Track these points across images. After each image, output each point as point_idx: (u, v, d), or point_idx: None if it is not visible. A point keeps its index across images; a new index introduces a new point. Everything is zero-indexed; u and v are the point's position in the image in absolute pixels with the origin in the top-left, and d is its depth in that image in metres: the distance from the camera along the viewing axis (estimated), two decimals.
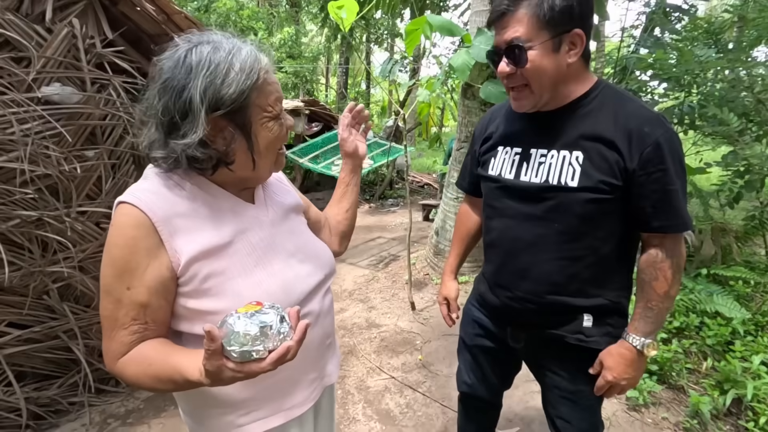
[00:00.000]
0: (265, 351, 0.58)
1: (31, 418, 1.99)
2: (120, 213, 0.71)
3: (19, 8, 1.88)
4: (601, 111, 0.97)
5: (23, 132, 1.79)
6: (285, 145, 0.87)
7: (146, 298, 0.70)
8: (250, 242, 0.80)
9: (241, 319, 0.58)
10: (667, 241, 0.99)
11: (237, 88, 0.70)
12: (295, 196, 1.01)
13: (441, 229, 4.02)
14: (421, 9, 8.48)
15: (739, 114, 2.99)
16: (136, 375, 0.70)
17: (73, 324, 2.06)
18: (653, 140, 0.91)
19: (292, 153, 6.66)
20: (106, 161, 2.12)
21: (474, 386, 1.37)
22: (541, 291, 1.07)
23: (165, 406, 2.22)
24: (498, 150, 1.14)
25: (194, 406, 0.84)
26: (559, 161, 1.00)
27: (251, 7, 12.02)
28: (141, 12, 2.18)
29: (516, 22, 0.92)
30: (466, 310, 1.37)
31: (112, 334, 0.71)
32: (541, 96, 0.98)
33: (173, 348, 0.73)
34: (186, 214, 0.74)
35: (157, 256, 0.71)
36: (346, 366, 2.63)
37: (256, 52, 0.76)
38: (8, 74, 1.80)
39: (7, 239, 1.82)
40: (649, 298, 1.01)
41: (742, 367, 2.14)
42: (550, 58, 0.93)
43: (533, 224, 1.05)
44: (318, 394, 0.93)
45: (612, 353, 1.04)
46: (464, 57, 2.91)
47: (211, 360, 0.57)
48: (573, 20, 0.91)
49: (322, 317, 0.91)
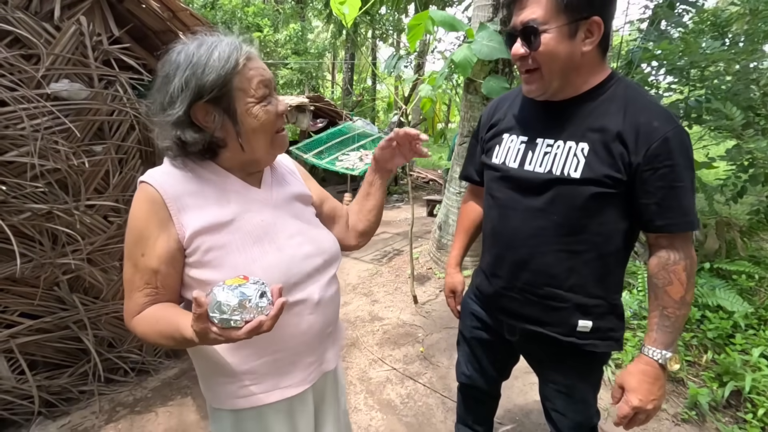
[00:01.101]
0: (242, 321, 0.65)
1: (43, 406, 2.05)
2: (139, 190, 0.83)
3: (28, 6, 1.92)
4: (612, 103, 0.95)
5: (33, 127, 1.84)
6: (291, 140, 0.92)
7: (156, 265, 0.80)
8: (252, 222, 0.87)
9: (224, 290, 0.65)
10: (677, 242, 0.95)
11: (216, 74, 0.78)
12: (304, 187, 1.05)
13: (444, 224, 4.04)
14: (425, 4, 8.46)
15: (745, 108, 2.96)
16: (144, 331, 0.80)
17: (83, 315, 2.12)
18: (661, 135, 0.88)
19: (296, 149, 6.70)
20: (114, 156, 2.17)
21: (473, 377, 1.39)
22: (539, 282, 1.06)
23: (172, 395, 2.28)
24: (503, 138, 1.12)
25: (203, 373, 0.93)
26: (564, 152, 0.98)
27: (257, 4, 12.05)
28: (146, 9, 2.21)
29: (534, 3, 0.90)
30: (464, 303, 1.39)
31: (130, 294, 0.83)
32: (551, 82, 0.96)
33: (177, 310, 0.82)
34: (194, 192, 0.84)
35: (166, 228, 0.81)
36: (349, 358, 2.67)
37: (238, 42, 0.82)
38: (18, 71, 1.85)
39: (19, 232, 1.88)
40: (664, 305, 0.95)
41: (741, 360, 2.15)
42: (565, 44, 0.90)
43: (533, 215, 1.04)
44: (314, 378, 0.97)
45: (632, 372, 0.97)
46: (466, 52, 2.92)
47: (198, 322, 0.65)
48: (593, 7, 0.88)
49: (324, 305, 0.94)
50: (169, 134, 0.82)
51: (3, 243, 1.84)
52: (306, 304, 0.90)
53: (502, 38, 3.03)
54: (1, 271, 1.86)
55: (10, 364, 1.98)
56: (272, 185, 0.96)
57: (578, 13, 0.88)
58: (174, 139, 0.81)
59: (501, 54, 2.95)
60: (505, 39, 1.00)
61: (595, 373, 1.17)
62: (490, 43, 2.97)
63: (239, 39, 0.84)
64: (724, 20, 3.72)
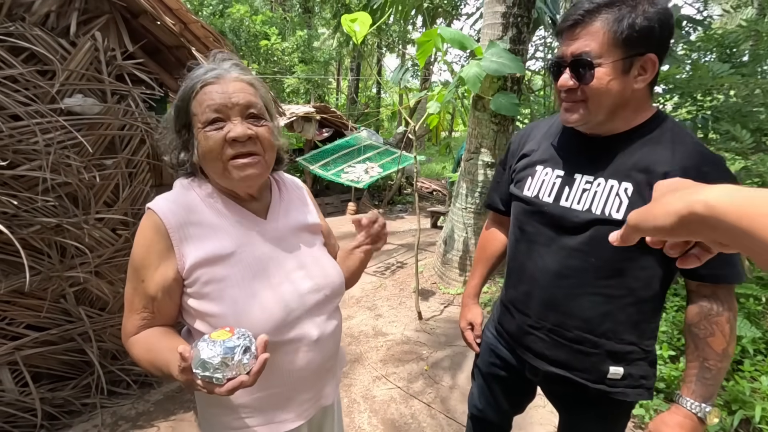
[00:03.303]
0: (224, 379, 0.66)
1: (46, 419, 2.04)
2: (145, 217, 0.84)
3: (45, 22, 1.94)
4: (659, 144, 0.90)
5: (46, 142, 1.85)
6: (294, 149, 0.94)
7: (154, 293, 0.82)
8: (253, 254, 0.86)
9: (208, 346, 0.66)
10: (720, 292, 0.90)
11: (182, 101, 0.84)
12: (315, 217, 1.04)
13: (449, 238, 4.04)
14: (433, 17, 8.53)
15: (753, 129, 2.96)
16: (138, 355, 0.82)
17: (88, 327, 2.12)
18: (710, 182, 0.85)
19: (303, 159, 6.74)
20: (124, 170, 2.18)
21: (484, 411, 1.35)
22: (570, 325, 1.00)
23: (174, 410, 2.26)
24: (537, 169, 1.06)
25: (200, 400, 0.95)
26: (606, 190, 0.93)
27: (265, 12, 12.18)
28: (160, 26, 2.24)
29: (588, 36, 0.86)
30: (483, 336, 1.33)
31: (128, 314, 0.85)
32: (596, 116, 0.92)
33: (171, 341, 0.81)
34: (197, 222, 0.84)
35: (167, 258, 0.82)
36: (352, 374, 2.66)
37: (212, 67, 0.85)
38: (33, 86, 1.87)
39: (28, 244, 1.89)
40: (705, 357, 0.89)
41: (750, 388, 2.12)
42: (618, 80, 0.87)
43: (568, 255, 0.98)
44: (310, 414, 0.96)
45: (669, 424, 0.90)
46: (475, 69, 2.94)
47: (182, 375, 0.67)
48: (650, 44, 0.85)
49: (323, 342, 0.92)
50: (172, 154, 0.88)
51: (12, 256, 1.85)
52: (304, 341, 0.89)
53: (513, 56, 3.06)
54: (10, 283, 1.86)
55: (14, 376, 1.98)
56: (279, 215, 0.94)
57: (635, 49, 0.85)
58: (172, 159, 0.88)
59: (510, 71, 2.97)
60: (549, 66, 0.96)
61: (621, 420, 1.11)
62: (500, 60, 3.00)
63: (226, 63, 0.87)
64: (732, 41, 3.74)
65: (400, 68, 3.60)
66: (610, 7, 0.84)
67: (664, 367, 2.33)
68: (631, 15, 0.83)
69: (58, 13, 1.98)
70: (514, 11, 3.35)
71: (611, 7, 0.84)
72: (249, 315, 0.81)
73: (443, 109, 5.33)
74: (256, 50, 11.25)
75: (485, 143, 3.66)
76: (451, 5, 9.30)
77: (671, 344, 2.55)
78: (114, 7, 2.14)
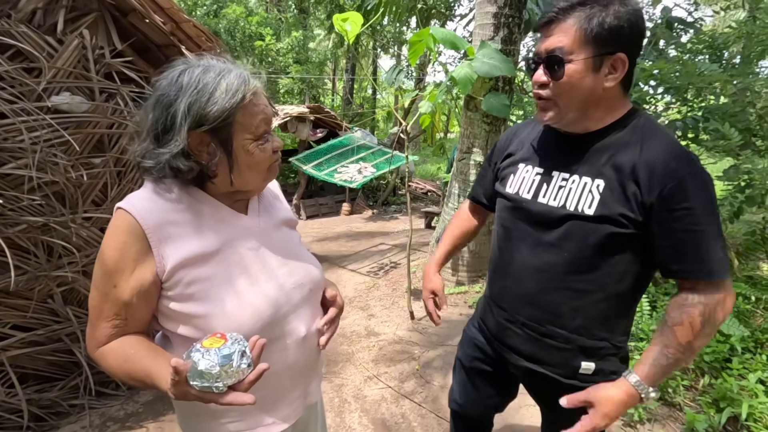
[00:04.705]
0: (224, 387, 0.65)
1: (32, 420, 2.02)
2: (116, 218, 0.77)
3: (31, 20, 1.93)
4: (630, 141, 0.92)
5: (32, 140, 1.83)
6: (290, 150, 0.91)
7: (128, 298, 0.76)
8: (238, 251, 0.84)
9: (204, 356, 0.64)
10: (699, 287, 0.89)
11: (221, 106, 0.75)
12: (289, 212, 1.03)
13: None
14: (426, 18, 8.55)
15: (742, 129, 2.99)
16: (111, 367, 0.77)
17: (76, 327, 2.10)
18: (679, 177, 0.85)
19: (296, 159, 6.72)
20: (112, 168, 2.17)
21: (464, 406, 1.36)
22: (542, 319, 1.03)
23: (164, 411, 2.24)
24: (519, 167, 1.10)
25: (181, 407, 0.90)
26: (580, 187, 0.95)
27: (260, 13, 12.16)
28: (150, 24, 2.23)
29: (561, 32, 0.89)
30: (466, 330, 1.35)
31: (96, 323, 0.79)
32: (567, 113, 0.94)
33: (149, 350, 0.78)
34: (177, 221, 0.79)
35: (144, 261, 0.76)
36: (343, 374, 2.65)
37: (246, 75, 0.80)
38: (20, 84, 1.86)
39: (14, 244, 1.87)
40: (667, 344, 0.89)
41: (738, 385, 2.14)
42: (588, 77, 0.89)
43: (543, 249, 1.01)
44: (299, 413, 0.95)
45: (612, 398, 0.90)
46: (467, 70, 2.94)
47: (176, 387, 0.65)
48: (620, 43, 0.87)
49: (310, 338, 0.92)
50: (159, 157, 0.76)
51: None
52: (293, 338, 0.88)
53: (504, 57, 3.07)
54: None
55: (0, 377, 1.95)
56: (260, 211, 0.93)
57: (605, 47, 0.87)
58: (164, 163, 0.76)
59: (501, 72, 2.98)
60: (527, 64, 0.99)
61: None
62: (491, 60, 3.01)
63: (247, 71, 0.81)
64: (722, 42, 3.78)
65: (393, 69, 3.60)
66: (583, 5, 0.87)
67: None
68: (602, 14, 0.85)
69: (45, 11, 1.97)
70: (506, 12, 3.37)
71: (584, 6, 0.87)
72: (237, 314, 0.79)
73: (438, 110, 5.35)
74: (251, 51, 11.24)
75: (477, 143, 3.67)
76: (445, 6, 9.34)
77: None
78: (102, 4, 2.13)
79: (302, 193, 7.78)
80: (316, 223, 7.28)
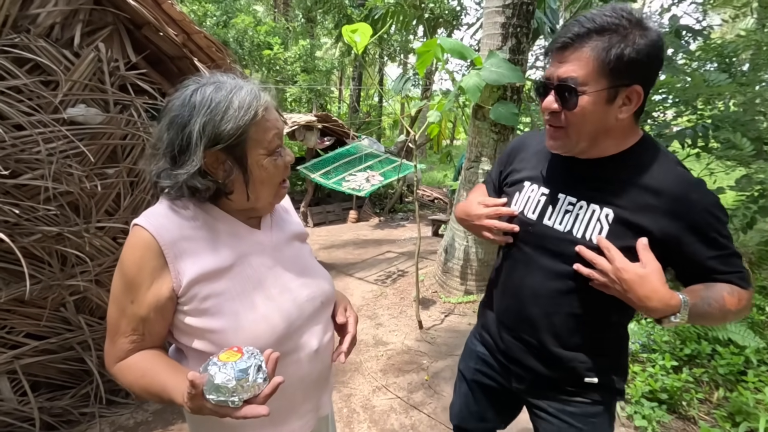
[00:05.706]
0: (240, 401, 0.65)
1: (44, 428, 2.03)
2: (133, 234, 0.79)
3: (50, 34, 1.98)
4: (643, 171, 0.90)
5: (48, 151, 1.87)
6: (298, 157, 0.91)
7: (146, 313, 0.78)
8: (251, 265, 0.85)
9: (220, 370, 0.64)
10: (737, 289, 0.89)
11: (235, 123, 0.76)
12: (300, 225, 1.05)
13: (450, 247, 4.03)
14: (433, 27, 8.61)
15: (754, 138, 2.97)
16: (129, 382, 0.78)
17: (88, 336, 2.11)
18: (702, 207, 0.86)
19: (304, 168, 6.76)
20: (125, 179, 2.20)
21: (466, 420, 1.33)
22: (546, 341, 1.03)
23: (173, 420, 2.25)
24: (524, 185, 1.07)
25: (193, 420, 0.90)
26: (587, 214, 0.93)
27: (268, 22, 12.32)
28: (163, 37, 2.27)
29: (576, 61, 0.84)
30: (468, 342, 1.33)
31: (114, 338, 0.80)
32: (578, 143, 0.91)
33: (165, 364, 0.79)
34: (191, 237, 0.80)
35: (160, 276, 0.77)
36: (352, 384, 2.64)
37: (257, 90, 0.81)
38: (37, 96, 1.89)
39: (29, 253, 1.89)
40: (716, 299, 0.86)
41: (754, 399, 2.10)
42: (601, 109, 0.85)
43: (547, 275, 0.99)
44: (311, 425, 0.95)
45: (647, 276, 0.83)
46: (475, 79, 2.95)
47: (192, 402, 0.65)
48: (636, 75, 0.83)
49: (322, 350, 0.93)
50: (176, 178, 0.77)
51: (13, 264, 1.86)
52: (306, 351, 0.88)
53: (513, 65, 3.08)
54: (11, 292, 1.86)
55: (13, 385, 1.97)
56: (272, 226, 0.94)
57: (621, 79, 0.83)
58: (181, 183, 0.77)
59: (509, 80, 2.99)
60: (537, 87, 0.95)
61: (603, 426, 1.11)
62: (499, 69, 3.01)
63: (258, 86, 0.82)
64: (731, 51, 3.76)
65: (401, 77, 3.62)
66: (601, 34, 0.82)
67: (667, 378, 2.31)
68: (620, 45, 0.81)
69: (63, 25, 2.02)
70: (514, 21, 3.38)
71: (602, 35, 0.82)
72: (251, 328, 0.80)
73: (444, 118, 5.38)
74: (259, 59, 11.37)
75: (485, 152, 3.67)
76: (452, 15, 9.39)
77: (674, 354, 2.52)
78: (117, 18, 2.18)
79: (309, 200, 7.82)
80: (323, 230, 7.30)
